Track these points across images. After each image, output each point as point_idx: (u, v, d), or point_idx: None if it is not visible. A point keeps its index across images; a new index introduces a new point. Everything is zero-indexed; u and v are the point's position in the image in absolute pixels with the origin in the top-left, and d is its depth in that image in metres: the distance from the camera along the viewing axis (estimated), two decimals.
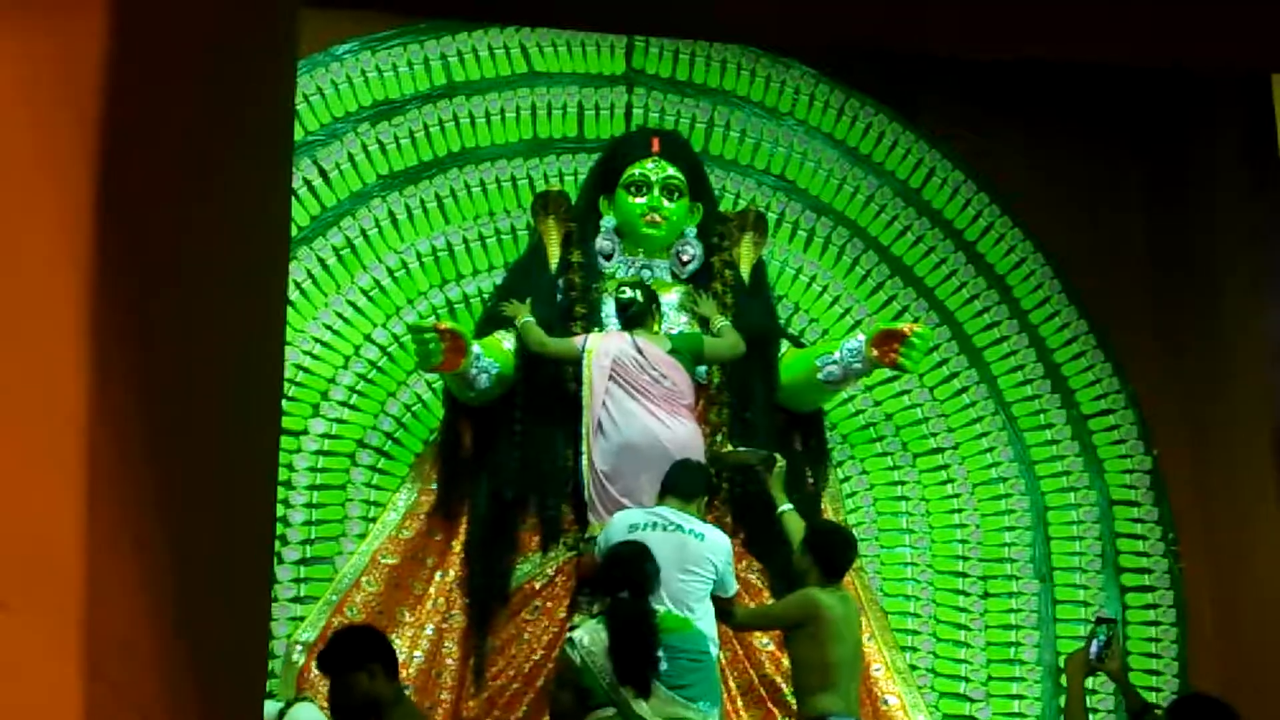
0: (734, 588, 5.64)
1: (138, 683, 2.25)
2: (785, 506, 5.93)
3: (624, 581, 5.18)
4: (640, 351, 6.11)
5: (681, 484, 5.72)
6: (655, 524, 5.53)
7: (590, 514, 5.93)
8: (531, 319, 6.19)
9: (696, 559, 5.46)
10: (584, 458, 6.02)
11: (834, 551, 5.51)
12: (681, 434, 5.99)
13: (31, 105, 2.44)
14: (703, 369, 6.32)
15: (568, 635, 5.27)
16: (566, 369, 6.23)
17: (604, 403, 6.04)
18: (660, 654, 5.03)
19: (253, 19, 3.09)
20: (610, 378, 6.07)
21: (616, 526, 5.59)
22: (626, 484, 5.91)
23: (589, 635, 5.11)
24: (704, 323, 6.38)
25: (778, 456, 6.08)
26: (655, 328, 6.27)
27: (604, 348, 6.13)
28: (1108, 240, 7.40)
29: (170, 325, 2.58)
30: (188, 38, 2.78)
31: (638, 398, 6.03)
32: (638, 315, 6.24)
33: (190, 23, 2.80)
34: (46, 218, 2.40)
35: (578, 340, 6.19)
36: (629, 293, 6.25)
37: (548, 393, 6.26)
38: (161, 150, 2.64)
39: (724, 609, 5.61)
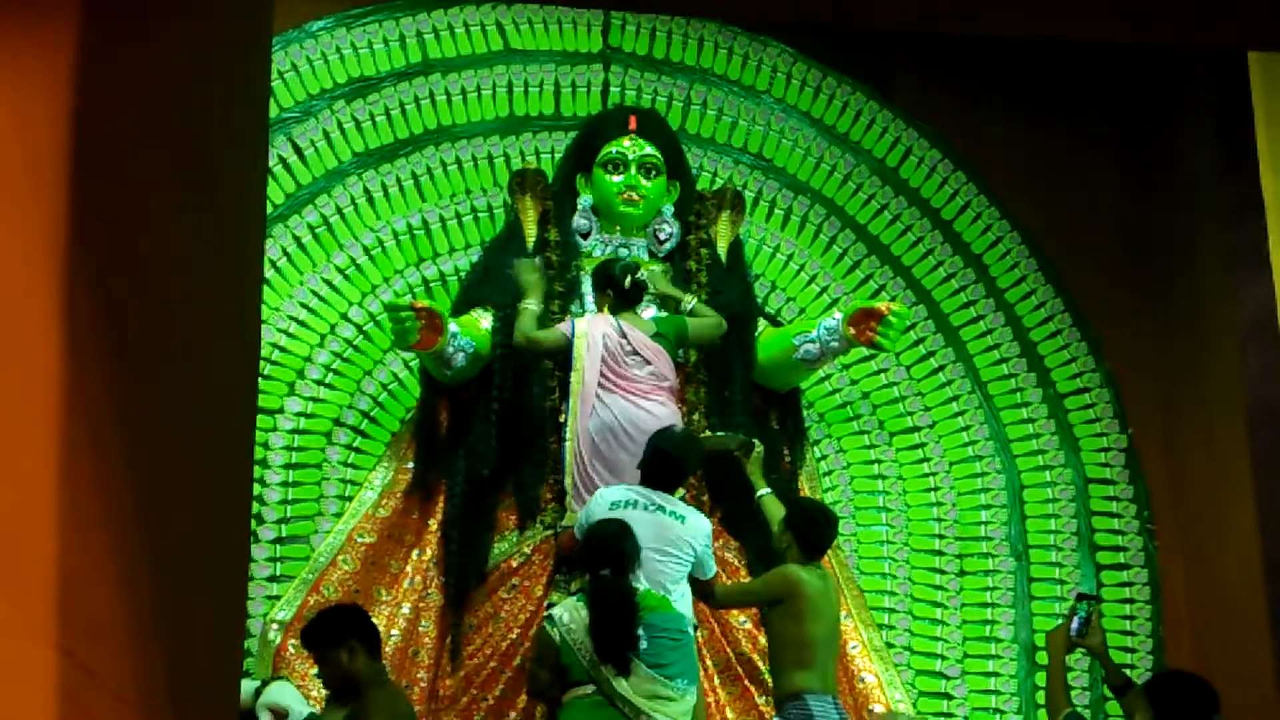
0: (713, 570, 5.64)
1: (112, 664, 2.25)
2: (764, 490, 5.93)
3: (605, 558, 5.19)
4: (624, 335, 6.09)
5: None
6: (636, 502, 5.53)
7: (572, 499, 5.92)
8: (534, 305, 6.11)
9: (675, 540, 5.47)
10: (567, 442, 6.00)
11: (814, 529, 5.53)
12: (664, 416, 5.98)
13: (6, 98, 2.42)
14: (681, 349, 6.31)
15: (547, 612, 5.28)
16: (546, 361, 6.20)
17: (588, 389, 6.01)
18: (640, 632, 5.05)
19: None
20: (600, 363, 6.04)
21: (598, 503, 5.58)
22: (608, 469, 5.90)
23: (569, 612, 5.12)
24: (667, 303, 6.34)
25: (755, 441, 6.08)
26: (639, 310, 6.25)
27: (592, 332, 6.10)
28: (1082, 219, 7.42)
29: (145, 307, 2.57)
30: (163, 16, 2.76)
31: (620, 381, 6.02)
32: (635, 295, 6.20)
33: (167, 4, 2.78)
34: (19, 202, 2.38)
35: (564, 327, 6.14)
36: (628, 271, 6.20)
37: (526, 371, 6.25)
38: (136, 131, 2.62)
39: (704, 589, 5.62)
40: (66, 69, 2.45)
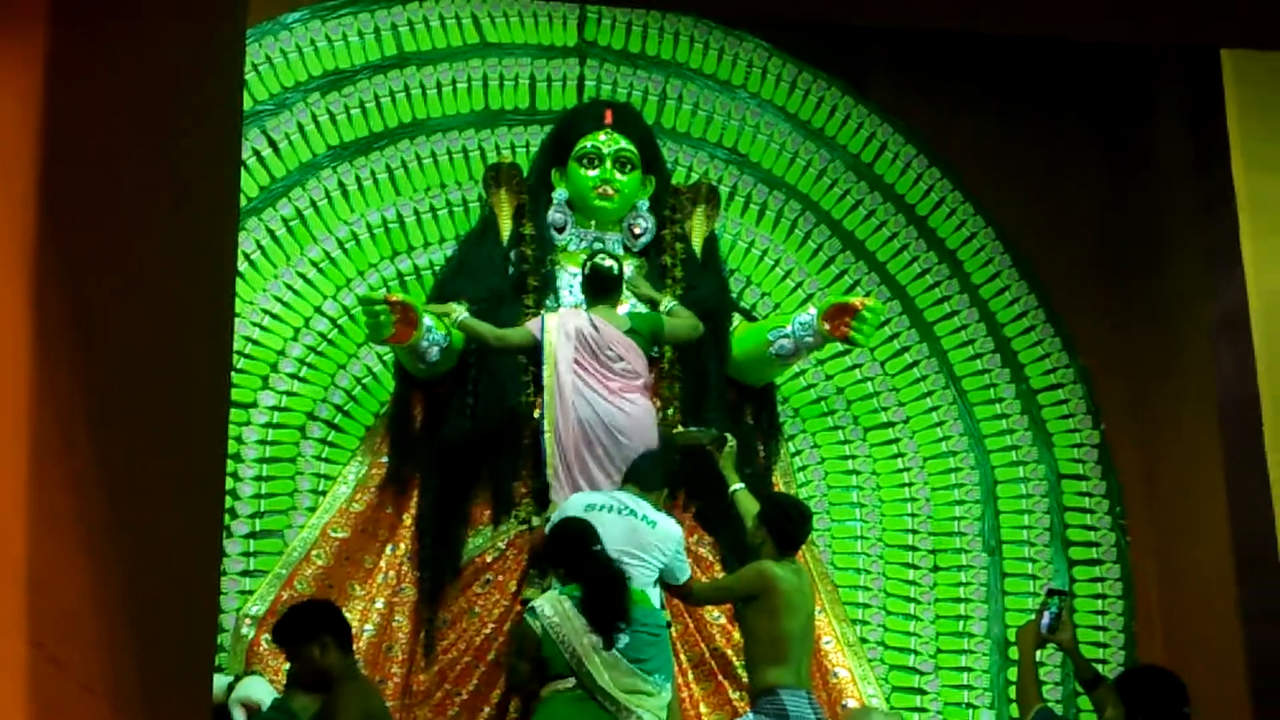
0: (685, 575, 5.66)
1: (82, 657, 2.24)
2: (737, 486, 5.95)
3: (597, 538, 5.25)
4: (597, 330, 6.09)
5: (644, 475, 5.75)
6: (611, 506, 5.56)
7: (552, 493, 5.92)
8: (466, 312, 6.11)
9: (646, 545, 5.50)
10: (546, 434, 6.00)
11: (789, 525, 5.54)
12: (636, 413, 5.99)
13: None
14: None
15: (530, 604, 5.28)
16: (519, 357, 6.20)
17: (563, 384, 6.02)
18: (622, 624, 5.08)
19: None
20: (574, 360, 6.04)
21: (573, 504, 5.61)
22: (581, 463, 5.91)
23: (550, 605, 5.14)
24: (645, 303, 6.35)
25: (728, 436, 6.10)
26: (615, 306, 6.25)
27: (563, 327, 6.10)
28: (1056, 215, 7.44)
29: (115, 303, 2.56)
30: (134, 14, 2.75)
31: (593, 376, 6.02)
32: (611, 287, 6.20)
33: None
34: None
35: (533, 325, 6.14)
36: (608, 263, 6.21)
37: (500, 366, 6.24)
38: (106, 129, 2.61)
39: (679, 589, 5.65)
40: (36, 67, 2.43)
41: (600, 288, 6.20)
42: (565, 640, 5.08)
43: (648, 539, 5.50)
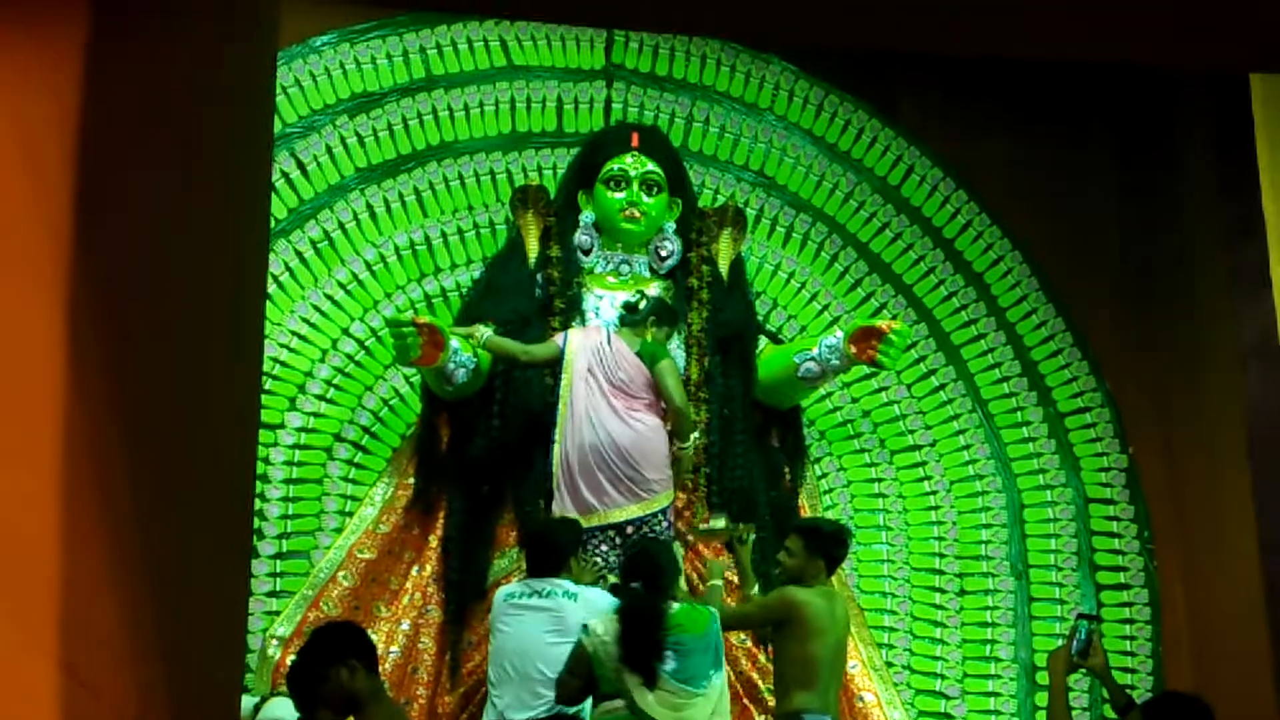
0: None
1: (112, 680, 2.24)
2: (753, 590, 5.77)
3: (636, 574, 5.19)
4: (610, 345, 6.13)
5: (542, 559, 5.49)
6: (526, 593, 5.38)
7: (554, 504, 5.95)
8: (491, 332, 6.14)
9: (568, 628, 5.23)
10: (555, 445, 6.01)
11: (841, 549, 5.52)
12: (642, 430, 5.99)
13: (11, 107, 2.42)
14: None
15: (583, 624, 5.22)
16: (543, 369, 6.22)
17: (576, 397, 6.04)
18: (669, 651, 5.03)
19: (234, 13, 3.08)
20: (587, 374, 6.08)
21: (495, 601, 5.44)
22: (586, 477, 5.92)
23: (603, 625, 5.10)
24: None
25: (746, 528, 5.89)
26: (647, 335, 6.23)
27: (582, 343, 6.14)
28: (1083, 239, 7.42)
29: (149, 323, 2.57)
30: (169, 33, 2.77)
31: (602, 392, 6.04)
32: (629, 321, 6.23)
33: (172, 18, 2.79)
34: (25, 215, 2.38)
35: (558, 338, 6.19)
36: (638, 300, 6.27)
37: (525, 388, 6.26)
38: (142, 145, 2.62)
39: None
40: (71, 79, 2.45)
41: (628, 319, 6.23)
42: (613, 661, 5.04)
43: (573, 617, 5.25)
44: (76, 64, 2.47)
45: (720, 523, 5.97)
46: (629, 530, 5.91)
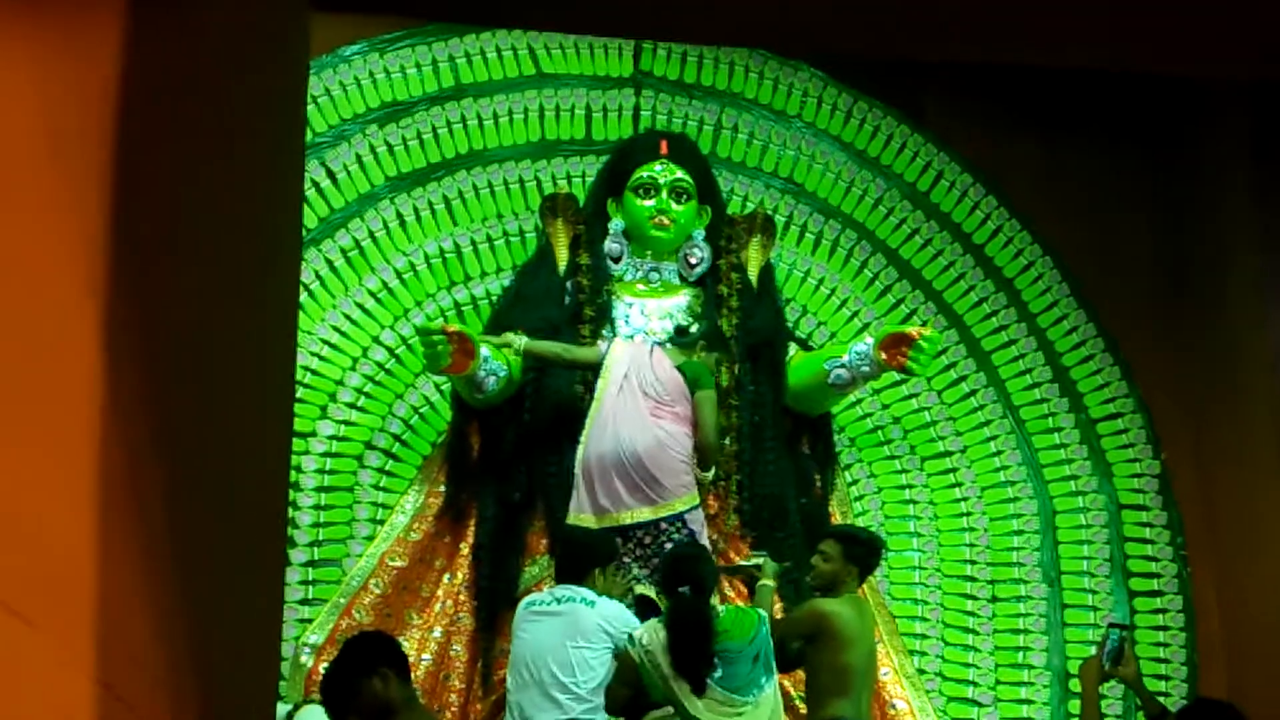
0: None
1: (149, 696, 2.25)
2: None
3: (683, 579, 5.19)
4: (651, 356, 6.17)
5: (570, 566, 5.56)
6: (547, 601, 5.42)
7: (572, 504, 5.97)
8: (525, 339, 6.17)
9: (587, 630, 5.27)
10: (580, 446, 6.03)
11: (876, 557, 5.56)
12: (663, 438, 5.99)
13: (46, 112, 2.44)
14: None
15: (627, 633, 5.22)
16: (575, 373, 6.24)
17: (607, 399, 6.05)
18: (717, 660, 5.02)
19: (265, 24, 3.09)
20: (623, 380, 6.08)
21: (519, 610, 5.49)
22: (602, 479, 5.93)
23: (648, 634, 5.10)
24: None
25: (768, 560, 5.74)
26: (694, 356, 6.25)
27: (625, 352, 6.18)
28: (1114, 244, 7.38)
29: (182, 334, 2.58)
30: (201, 42, 2.78)
31: (633, 397, 6.05)
32: (679, 342, 6.27)
33: (204, 27, 2.80)
34: (60, 224, 2.39)
35: (601, 345, 6.22)
36: (690, 324, 6.34)
37: (555, 395, 6.27)
38: (175, 154, 2.63)
39: None
40: (106, 79, 2.46)
41: (678, 339, 6.31)
42: (660, 669, 5.03)
43: (588, 623, 5.28)
44: (109, 76, 2.48)
45: (757, 560, 5.79)
46: (643, 536, 5.90)
